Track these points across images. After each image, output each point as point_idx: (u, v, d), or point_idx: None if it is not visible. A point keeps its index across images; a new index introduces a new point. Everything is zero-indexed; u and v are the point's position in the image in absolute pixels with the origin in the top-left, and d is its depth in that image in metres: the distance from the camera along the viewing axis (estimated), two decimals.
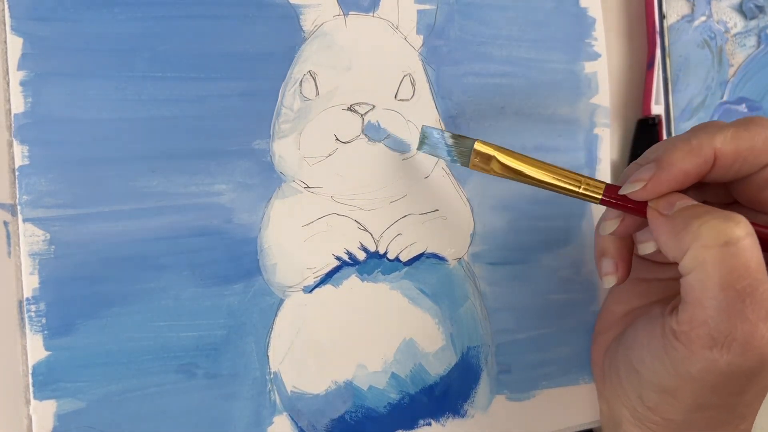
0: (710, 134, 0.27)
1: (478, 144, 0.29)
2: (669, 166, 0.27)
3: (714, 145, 0.27)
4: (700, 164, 0.27)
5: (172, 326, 0.28)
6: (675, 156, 0.27)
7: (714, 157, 0.27)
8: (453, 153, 0.30)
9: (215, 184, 0.29)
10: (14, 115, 0.26)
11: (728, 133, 0.27)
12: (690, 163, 0.27)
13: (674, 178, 0.27)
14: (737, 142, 0.27)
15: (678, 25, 0.41)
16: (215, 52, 0.29)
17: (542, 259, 0.37)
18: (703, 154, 0.27)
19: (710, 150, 0.27)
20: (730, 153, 0.27)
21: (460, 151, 0.30)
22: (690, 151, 0.27)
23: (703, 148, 0.27)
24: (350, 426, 0.31)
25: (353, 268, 0.32)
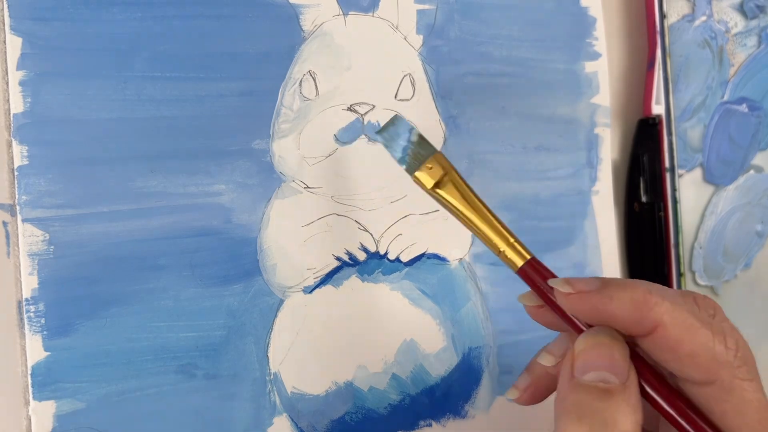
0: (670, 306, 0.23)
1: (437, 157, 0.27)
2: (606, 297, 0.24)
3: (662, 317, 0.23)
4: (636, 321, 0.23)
5: (172, 327, 0.28)
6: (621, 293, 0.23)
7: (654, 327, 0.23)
8: (408, 151, 0.27)
9: (215, 185, 0.29)
10: (13, 115, 0.26)
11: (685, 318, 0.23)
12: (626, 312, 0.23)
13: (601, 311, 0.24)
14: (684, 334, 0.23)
15: (678, 24, 0.41)
16: (215, 52, 0.29)
17: (544, 260, 0.36)
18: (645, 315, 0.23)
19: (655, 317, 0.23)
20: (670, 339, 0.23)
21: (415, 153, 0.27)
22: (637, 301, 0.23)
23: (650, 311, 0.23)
24: (350, 427, 0.31)
25: (353, 269, 0.32)
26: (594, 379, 0.23)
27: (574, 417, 0.23)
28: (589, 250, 0.38)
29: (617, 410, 0.22)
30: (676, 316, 0.23)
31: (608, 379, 0.23)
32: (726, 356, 0.23)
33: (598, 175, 0.38)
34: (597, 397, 0.23)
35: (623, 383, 0.23)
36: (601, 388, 0.23)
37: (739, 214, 0.44)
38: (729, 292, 0.44)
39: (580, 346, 0.24)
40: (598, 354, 0.23)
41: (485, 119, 0.35)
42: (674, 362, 0.23)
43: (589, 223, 0.38)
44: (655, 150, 0.40)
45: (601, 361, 0.23)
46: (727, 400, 0.23)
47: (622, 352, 0.24)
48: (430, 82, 0.34)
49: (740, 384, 0.23)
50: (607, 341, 0.24)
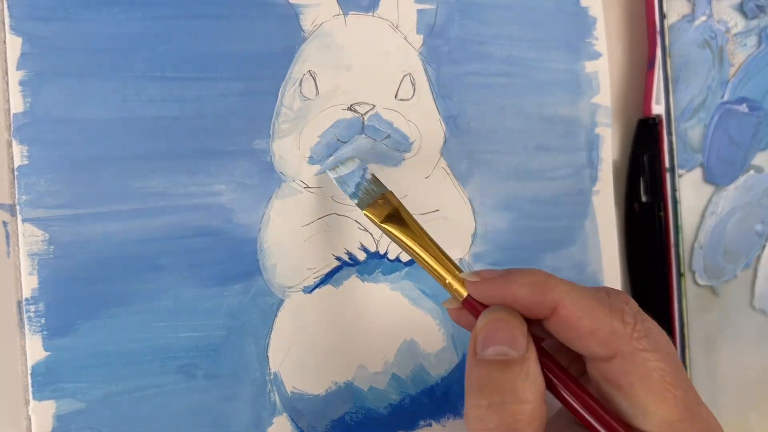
0: (568, 288, 0.25)
1: (387, 196, 0.30)
2: (507, 281, 0.25)
3: (561, 297, 0.24)
4: (536, 303, 0.25)
5: (172, 327, 0.28)
6: (521, 278, 0.25)
7: (553, 309, 0.25)
8: (361, 188, 0.30)
9: (215, 184, 0.29)
10: (13, 114, 0.26)
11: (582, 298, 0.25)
12: (526, 294, 0.25)
13: (504, 295, 0.25)
14: (583, 312, 0.24)
15: (678, 24, 0.41)
16: (215, 52, 0.29)
17: (544, 260, 0.37)
18: (544, 296, 0.24)
19: (554, 298, 0.24)
20: (571, 318, 0.24)
21: (367, 190, 0.30)
22: (536, 283, 0.25)
23: (549, 292, 0.24)
24: (350, 427, 0.31)
25: (353, 269, 0.32)
26: (494, 353, 0.24)
27: (476, 391, 0.24)
28: (589, 250, 0.38)
29: (517, 380, 0.24)
30: (574, 296, 0.25)
31: (507, 353, 0.24)
32: (624, 330, 0.24)
33: (598, 175, 0.38)
34: (497, 369, 0.24)
35: (522, 355, 0.24)
36: (500, 360, 0.24)
37: (739, 214, 0.44)
38: (729, 292, 0.44)
39: (480, 323, 0.26)
40: (495, 328, 0.25)
41: (485, 119, 0.35)
42: (577, 340, 0.25)
43: (589, 223, 0.38)
44: (655, 150, 0.40)
45: (499, 335, 0.25)
46: (632, 371, 0.24)
47: (519, 326, 0.25)
48: (431, 82, 0.34)
49: (641, 355, 0.24)
50: (504, 316, 0.25)
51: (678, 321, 0.40)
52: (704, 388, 0.42)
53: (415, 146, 0.33)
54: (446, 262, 0.28)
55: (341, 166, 0.30)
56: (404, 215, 0.29)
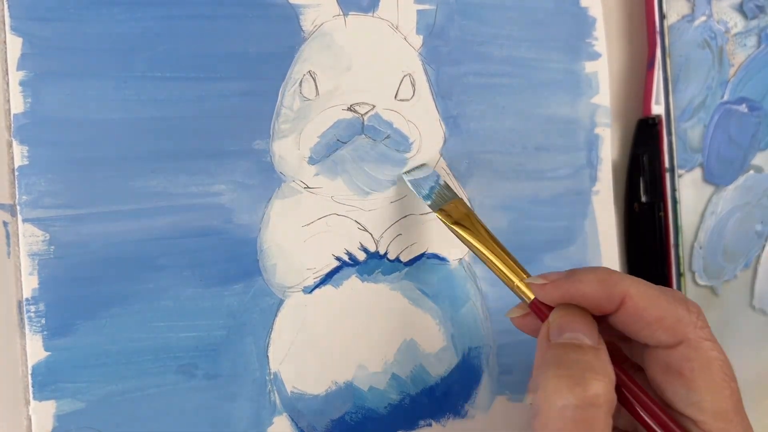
0: (632, 281, 0.26)
1: (458, 201, 0.31)
2: (575, 281, 0.26)
3: (628, 289, 0.25)
4: (604, 298, 0.26)
5: (172, 327, 0.28)
6: (587, 276, 0.26)
7: (622, 301, 0.25)
8: (434, 191, 0.31)
9: (215, 185, 0.29)
10: (14, 115, 0.26)
11: (647, 289, 0.25)
12: (595, 290, 0.26)
13: (572, 293, 0.26)
14: (649, 302, 0.25)
15: (678, 24, 0.41)
16: (215, 52, 0.29)
17: (544, 260, 0.37)
18: (612, 290, 0.25)
19: (621, 291, 0.25)
20: (639, 308, 0.25)
21: (440, 194, 0.31)
22: (602, 279, 0.26)
23: (616, 286, 0.25)
24: (350, 427, 0.31)
25: (353, 269, 0.32)
26: (569, 338, 0.25)
27: (553, 365, 0.24)
28: (589, 250, 0.38)
29: (593, 360, 0.24)
30: (640, 288, 0.25)
31: (581, 339, 0.25)
32: (689, 317, 0.25)
33: (598, 175, 0.38)
34: (573, 350, 0.25)
35: (595, 345, 0.25)
36: (575, 343, 0.25)
37: (739, 214, 0.44)
38: (729, 292, 0.44)
39: (554, 316, 0.26)
40: (570, 319, 0.26)
41: (485, 119, 0.35)
42: (645, 329, 0.25)
43: (589, 223, 0.38)
44: (655, 150, 0.40)
45: (573, 324, 0.26)
46: (695, 358, 0.25)
47: (591, 321, 0.26)
48: (430, 82, 0.34)
49: (704, 343, 0.25)
50: (578, 311, 0.26)
51: None
52: None
53: (415, 146, 0.33)
54: (514, 266, 0.29)
55: (415, 170, 0.32)
56: (474, 220, 0.30)
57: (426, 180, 0.32)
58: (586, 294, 0.26)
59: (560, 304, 0.27)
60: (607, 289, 0.26)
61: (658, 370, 0.26)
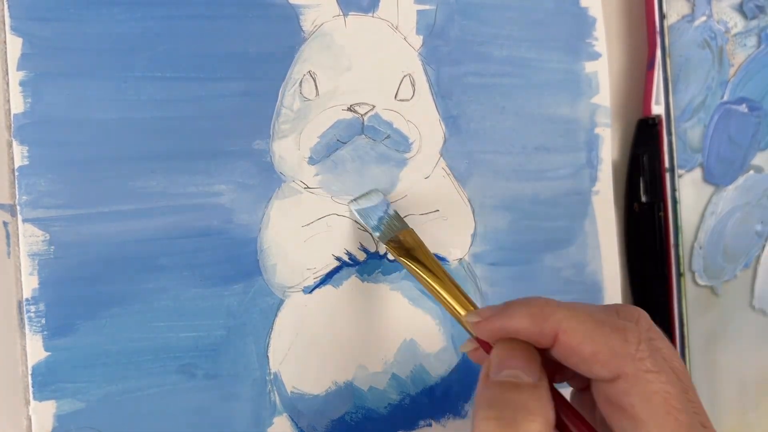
0: (566, 313, 0.24)
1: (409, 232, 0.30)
2: (505, 316, 0.25)
3: (559, 325, 0.24)
4: (536, 333, 0.25)
5: (172, 327, 0.28)
6: (517, 310, 0.25)
7: (555, 337, 0.24)
8: (383, 221, 0.31)
9: (215, 185, 0.29)
10: (14, 115, 0.26)
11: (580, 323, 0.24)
12: (525, 326, 0.25)
13: (505, 329, 0.25)
14: (583, 337, 0.24)
15: (678, 25, 0.41)
16: (215, 52, 0.29)
17: (544, 260, 0.37)
18: (543, 325, 0.24)
19: (552, 326, 0.24)
20: (572, 345, 0.24)
21: (390, 225, 0.30)
22: (533, 314, 0.25)
23: (546, 321, 0.24)
24: (350, 427, 0.31)
25: (353, 269, 0.32)
26: (507, 375, 0.24)
27: (486, 405, 0.24)
28: (589, 250, 0.38)
29: (528, 400, 0.23)
30: (572, 322, 0.24)
31: (519, 376, 0.24)
32: (627, 349, 0.24)
33: (598, 175, 0.38)
34: (509, 389, 0.24)
35: (535, 382, 0.24)
36: (513, 382, 0.24)
37: (739, 214, 0.44)
38: (729, 292, 0.44)
39: (494, 352, 0.25)
40: (510, 355, 0.25)
41: (485, 119, 0.35)
42: (581, 364, 0.24)
43: (589, 223, 0.38)
44: (655, 150, 0.40)
45: (512, 360, 0.25)
46: (634, 392, 0.24)
47: (532, 355, 0.25)
48: (430, 82, 0.34)
49: (644, 376, 0.24)
50: (517, 345, 0.25)
51: (678, 321, 0.40)
52: (704, 388, 0.42)
53: (414, 146, 0.33)
54: (463, 300, 0.28)
55: (363, 198, 0.31)
56: (424, 252, 0.30)
57: (375, 209, 0.31)
58: (519, 330, 0.25)
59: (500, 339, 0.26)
60: (538, 325, 0.24)
61: (603, 403, 0.25)
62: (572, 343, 0.24)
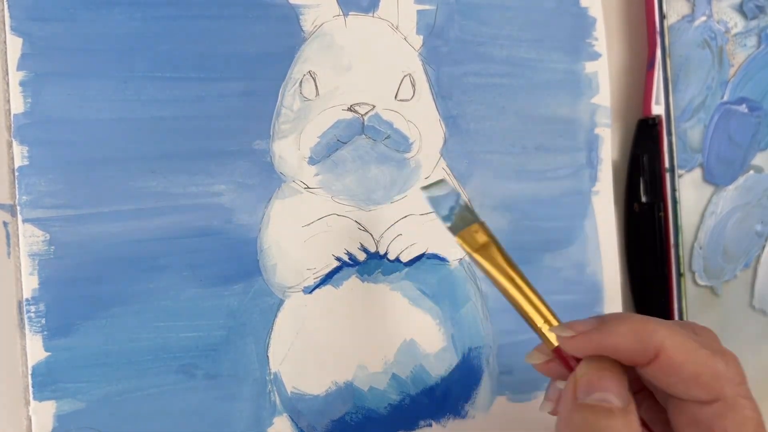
0: (668, 331, 0.24)
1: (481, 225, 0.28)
2: (606, 333, 0.24)
3: (663, 341, 0.24)
4: (638, 350, 0.24)
5: (172, 327, 0.28)
6: (620, 326, 0.24)
7: (657, 354, 0.24)
8: (455, 212, 0.28)
9: (215, 185, 0.29)
10: (14, 115, 0.26)
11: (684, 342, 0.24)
12: (628, 343, 0.24)
13: (605, 346, 0.24)
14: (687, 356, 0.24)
15: (678, 25, 0.41)
16: (215, 52, 0.29)
17: (544, 260, 0.37)
18: (647, 342, 0.24)
19: (656, 343, 0.24)
20: (675, 363, 0.24)
21: (461, 216, 0.28)
22: (636, 331, 0.24)
23: (650, 338, 0.24)
24: (350, 427, 0.31)
25: (353, 269, 0.32)
26: (597, 399, 0.24)
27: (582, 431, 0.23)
28: (589, 250, 0.38)
29: (621, 428, 0.23)
30: (677, 340, 0.24)
31: (610, 400, 0.23)
32: (728, 373, 0.24)
33: (598, 175, 0.38)
34: (601, 415, 0.23)
35: (625, 407, 0.23)
36: (604, 407, 0.23)
37: (738, 214, 0.44)
38: (729, 292, 0.44)
39: (582, 370, 0.25)
40: (599, 377, 0.24)
41: (485, 119, 0.35)
42: (679, 384, 0.24)
43: (589, 223, 0.38)
44: (655, 150, 0.40)
45: (603, 382, 0.24)
46: (729, 416, 0.23)
47: (622, 378, 0.24)
48: (430, 82, 0.34)
49: (741, 402, 0.24)
50: (608, 365, 0.24)
51: None
52: None
53: (415, 146, 0.33)
54: (540, 306, 0.26)
55: (434, 186, 0.29)
56: (496, 249, 0.27)
57: (446, 199, 0.29)
58: (619, 347, 0.24)
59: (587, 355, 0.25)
60: (642, 342, 0.24)
61: (685, 422, 0.24)
62: (675, 362, 0.24)
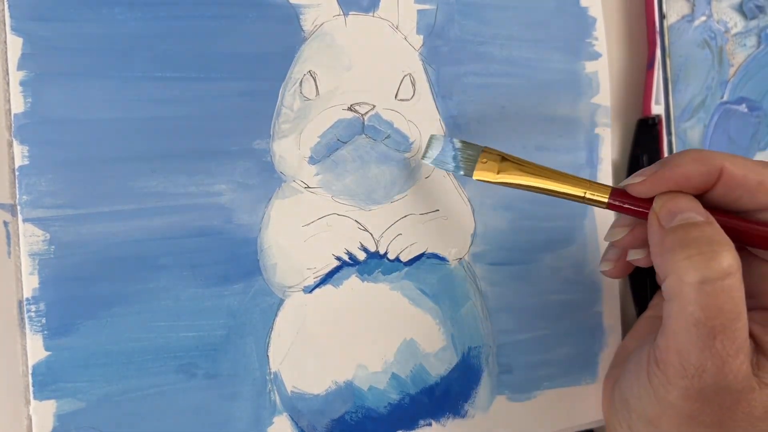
0: (724, 155, 0.27)
1: (486, 150, 0.30)
2: (673, 166, 0.27)
3: (723, 161, 0.27)
4: (704, 173, 0.27)
5: (172, 326, 0.28)
6: (682, 158, 0.27)
7: (720, 173, 0.27)
8: (459, 159, 0.30)
9: (215, 185, 0.29)
10: (14, 115, 0.26)
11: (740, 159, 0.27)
12: (694, 168, 0.27)
13: (675, 178, 0.27)
14: (747, 169, 0.27)
15: (678, 24, 0.41)
16: (215, 52, 0.29)
17: (544, 259, 0.37)
18: (709, 164, 0.27)
19: (717, 164, 0.27)
20: (737, 176, 0.27)
21: (466, 157, 0.30)
22: (698, 158, 0.27)
23: (712, 160, 0.27)
24: (350, 426, 0.31)
25: (353, 269, 0.32)
26: (682, 219, 0.26)
27: (680, 247, 0.25)
28: (589, 250, 0.38)
29: (714, 233, 0.26)
30: (735, 159, 0.27)
31: (694, 217, 0.26)
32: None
33: (598, 175, 0.38)
34: (693, 229, 0.26)
35: (707, 219, 0.26)
36: (692, 222, 0.26)
37: None
38: None
39: (659, 203, 0.27)
40: (676, 202, 0.27)
41: (485, 119, 0.35)
42: (746, 194, 0.27)
43: (589, 223, 0.38)
44: (655, 150, 0.40)
45: (681, 205, 0.27)
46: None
47: (695, 200, 0.27)
48: (431, 82, 0.34)
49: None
50: (680, 193, 0.28)
51: None
52: None
53: (415, 146, 0.33)
54: (576, 181, 0.29)
55: (430, 149, 0.31)
56: (511, 159, 0.30)
57: (444, 153, 0.31)
58: (688, 175, 0.27)
59: None
60: (705, 165, 0.27)
61: None
62: (738, 176, 0.27)
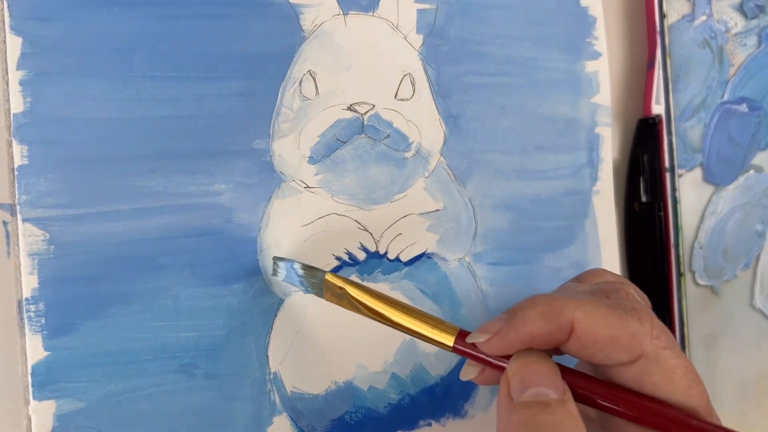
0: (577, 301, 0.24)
1: (328, 276, 0.27)
2: (518, 324, 0.24)
3: (574, 314, 0.24)
4: (552, 331, 0.24)
5: (172, 326, 0.28)
6: (528, 314, 0.24)
7: (571, 329, 0.24)
8: (306, 284, 0.28)
9: (215, 184, 0.29)
10: (13, 114, 0.26)
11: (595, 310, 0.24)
12: (541, 327, 0.24)
13: (520, 338, 0.24)
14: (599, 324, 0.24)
15: (678, 24, 0.41)
16: (215, 52, 0.29)
17: (544, 260, 0.37)
18: (558, 320, 0.24)
19: (567, 319, 0.24)
20: (589, 333, 0.24)
21: (311, 283, 0.28)
22: (546, 312, 0.24)
23: (561, 315, 0.24)
24: (350, 426, 0.31)
25: (353, 268, 0.32)
26: (533, 394, 0.23)
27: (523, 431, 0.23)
28: (589, 249, 0.38)
29: (562, 420, 0.23)
30: (587, 310, 0.24)
31: (546, 394, 0.23)
32: (643, 329, 0.24)
33: (598, 174, 0.38)
34: (540, 411, 0.23)
35: (561, 398, 0.23)
36: (541, 401, 0.23)
37: (739, 214, 0.44)
38: (729, 292, 0.44)
39: (512, 368, 0.24)
40: (530, 371, 0.24)
41: (485, 119, 0.35)
42: (600, 352, 0.24)
43: (589, 223, 0.38)
44: (655, 150, 0.40)
45: (535, 377, 0.24)
46: (655, 371, 0.24)
47: (553, 368, 0.24)
48: (430, 82, 0.34)
49: (663, 353, 0.24)
50: (536, 359, 0.24)
51: (678, 321, 0.40)
52: None
53: (414, 146, 0.33)
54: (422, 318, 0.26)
55: (279, 270, 0.29)
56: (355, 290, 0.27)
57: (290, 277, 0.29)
58: (535, 334, 0.24)
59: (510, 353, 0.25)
60: (554, 322, 0.24)
61: None
62: (590, 332, 0.24)
